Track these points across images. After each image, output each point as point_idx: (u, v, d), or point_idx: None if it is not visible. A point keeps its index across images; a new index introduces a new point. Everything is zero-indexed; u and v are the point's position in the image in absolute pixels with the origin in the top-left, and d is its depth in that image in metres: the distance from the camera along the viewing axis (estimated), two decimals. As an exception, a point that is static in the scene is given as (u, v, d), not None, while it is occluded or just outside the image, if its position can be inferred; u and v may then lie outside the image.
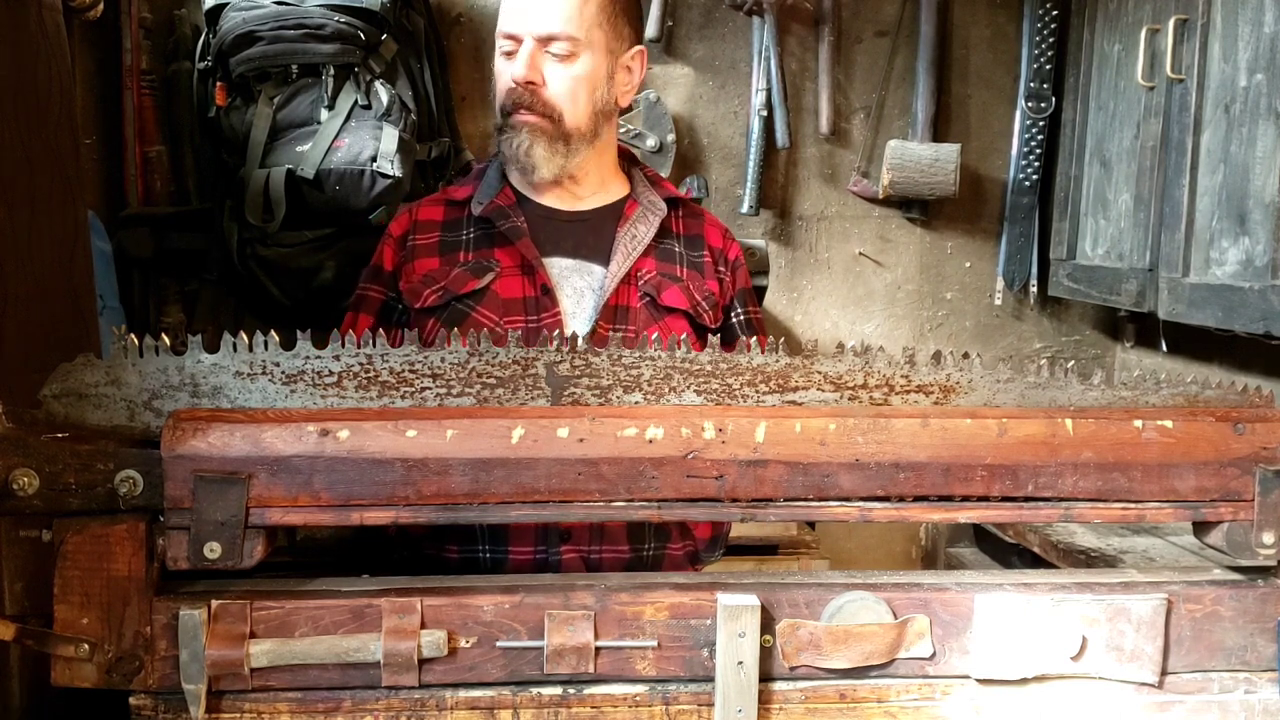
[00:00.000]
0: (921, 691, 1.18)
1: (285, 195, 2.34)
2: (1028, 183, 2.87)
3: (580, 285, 1.66)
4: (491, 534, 1.59)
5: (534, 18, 1.62)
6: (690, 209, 1.80)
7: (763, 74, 2.78)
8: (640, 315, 1.64)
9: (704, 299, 1.69)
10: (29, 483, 1.07)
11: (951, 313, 3.01)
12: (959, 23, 2.90)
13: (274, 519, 1.10)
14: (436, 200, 1.77)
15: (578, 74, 1.64)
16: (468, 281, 1.63)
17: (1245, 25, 1.99)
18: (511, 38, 1.64)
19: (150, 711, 1.12)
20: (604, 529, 1.59)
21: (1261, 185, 1.93)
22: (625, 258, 1.66)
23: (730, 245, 1.79)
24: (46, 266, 1.48)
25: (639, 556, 1.62)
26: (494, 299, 1.62)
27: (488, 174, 1.76)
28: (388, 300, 1.70)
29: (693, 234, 1.76)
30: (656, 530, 1.63)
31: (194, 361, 1.14)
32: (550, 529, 1.57)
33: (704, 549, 1.72)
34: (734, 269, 1.77)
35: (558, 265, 1.67)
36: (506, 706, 1.14)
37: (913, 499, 1.16)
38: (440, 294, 1.63)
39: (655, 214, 1.71)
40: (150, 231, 2.48)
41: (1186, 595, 1.20)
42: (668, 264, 1.70)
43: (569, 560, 1.57)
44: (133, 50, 2.51)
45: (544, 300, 1.63)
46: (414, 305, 1.65)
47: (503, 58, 1.66)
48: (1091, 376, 1.23)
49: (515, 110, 1.65)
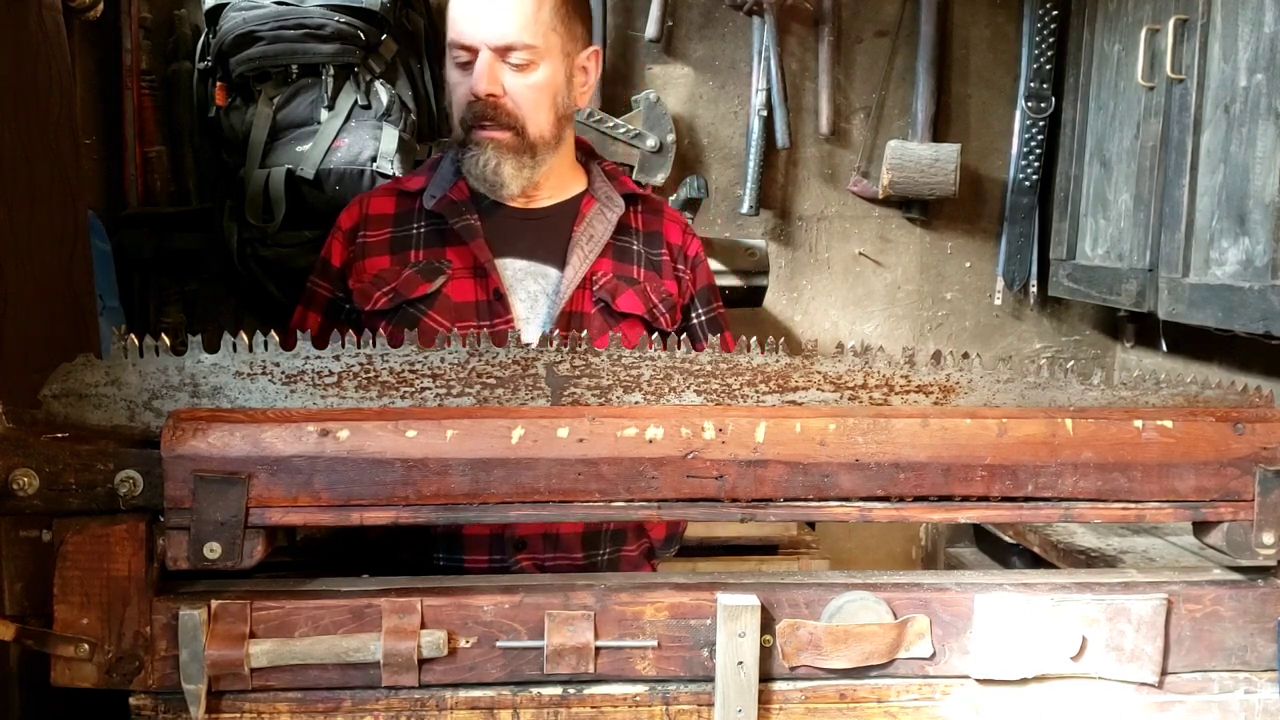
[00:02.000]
0: (921, 691, 1.18)
1: (285, 195, 2.34)
2: (1028, 183, 2.87)
3: (534, 290, 1.62)
4: (447, 541, 1.56)
5: (489, 27, 1.56)
6: (649, 204, 1.75)
7: (763, 74, 2.78)
8: (595, 322, 1.60)
9: (661, 300, 1.66)
10: (29, 483, 1.07)
11: (951, 313, 3.01)
12: (959, 23, 2.91)
13: (274, 519, 1.10)
14: (389, 190, 1.71)
15: (538, 83, 1.59)
16: (419, 285, 1.59)
17: (1245, 25, 1.99)
18: (466, 48, 1.57)
19: (150, 711, 1.12)
20: (559, 536, 1.57)
21: (1261, 185, 1.93)
22: (581, 261, 1.62)
23: (690, 241, 1.74)
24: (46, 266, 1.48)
25: (593, 563, 1.60)
26: (445, 303, 1.58)
27: (442, 165, 1.70)
28: (334, 298, 1.66)
29: (652, 230, 1.71)
30: (613, 535, 1.61)
31: (194, 361, 1.14)
32: (506, 538, 1.55)
33: (660, 546, 1.70)
34: (694, 266, 1.73)
35: (511, 267, 1.63)
36: (506, 706, 1.14)
37: (913, 499, 1.16)
38: (390, 297, 1.59)
39: (613, 210, 1.67)
40: (150, 231, 2.47)
41: (1186, 595, 1.20)
42: (624, 264, 1.66)
43: (526, 569, 1.55)
44: (133, 50, 2.51)
45: (496, 306, 1.59)
46: (364, 308, 1.60)
47: (457, 69, 1.60)
48: (1091, 376, 1.23)
49: (477, 124, 1.59)
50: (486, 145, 1.60)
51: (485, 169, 1.60)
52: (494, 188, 1.62)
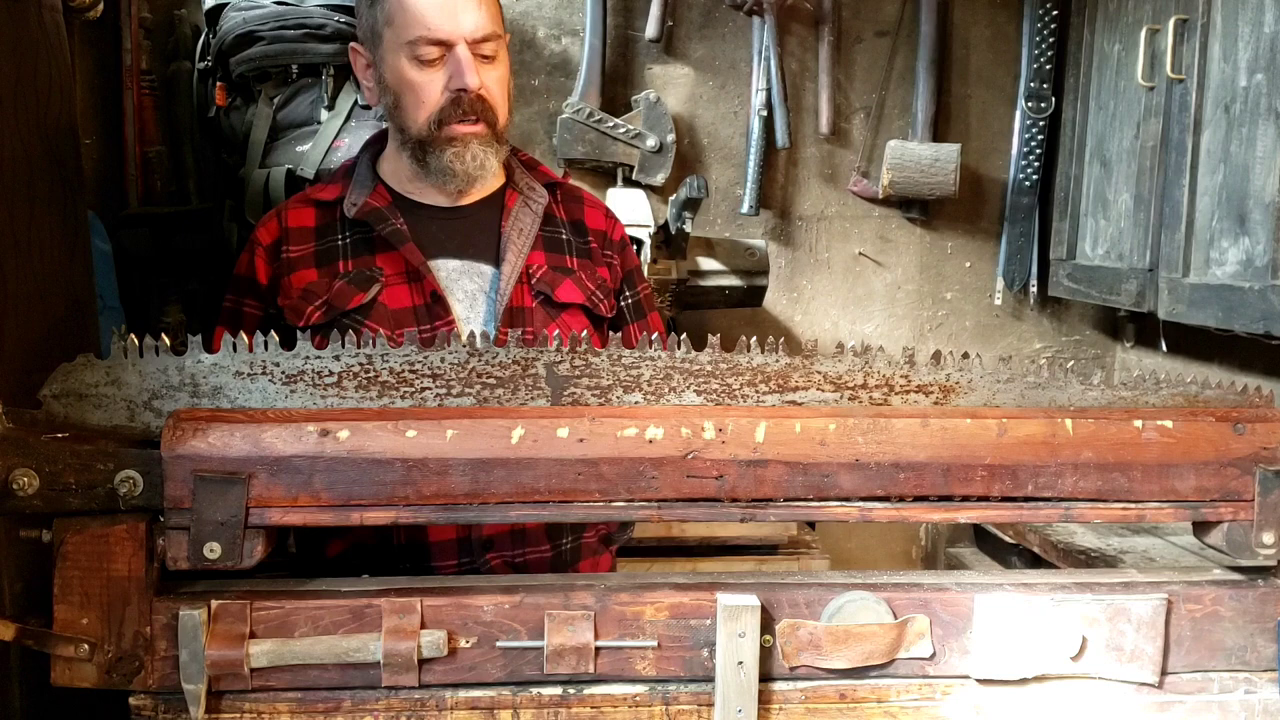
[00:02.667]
0: (921, 691, 1.18)
1: (285, 195, 2.34)
2: (1028, 183, 2.87)
3: (471, 288, 1.59)
4: (413, 551, 1.52)
5: (466, 20, 1.51)
6: (569, 192, 1.72)
7: (763, 74, 2.78)
8: (537, 315, 1.58)
9: (597, 288, 1.64)
10: (29, 483, 1.07)
11: (951, 313, 3.01)
12: (959, 23, 2.91)
13: (274, 519, 1.10)
14: (303, 201, 1.64)
15: (502, 74, 1.57)
16: (353, 296, 1.54)
17: (1245, 25, 1.99)
18: (440, 43, 1.52)
19: (150, 711, 1.12)
20: (525, 531, 1.55)
21: (1261, 185, 1.93)
22: (517, 256, 1.58)
23: (614, 226, 1.72)
24: (46, 266, 1.48)
25: (559, 553, 1.59)
26: (382, 311, 1.53)
27: (357, 171, 1.64)
28: (267, 314, 1.59)
29: (575, 219, 1.69)
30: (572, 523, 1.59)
31: (194, 361, 1.14)
32: (474, 540, 1.53)
33: (615, 530, 1.70)
34: (620, 249, 1.71)
35: (445, 268, 1.58)
36: (506, 706, 1.14)
37: (913, 499, 1.16)
38: (324, 310, 1.53)
39: (536, 201, 1.64)
40: (150, 231, 2.47)
41: (1186, 595, 1.20)
42: (557, 254, 1.63)
43: (496, 568, 1.54)
44: (133, 50, 2.51)
45: (435, 308, 1.55)
46: (297, 324, 1.52)
47: (421, 65, 1.53)
48: (1091, 376, 1.23)
49: (457, 120, 1.54)
50: (470, 140, 1.55)
51: (471, 164, 1.56)
52: (465, 183, 1.59)
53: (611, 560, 1.73)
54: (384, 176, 1.64)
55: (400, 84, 1.56)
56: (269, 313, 1.59)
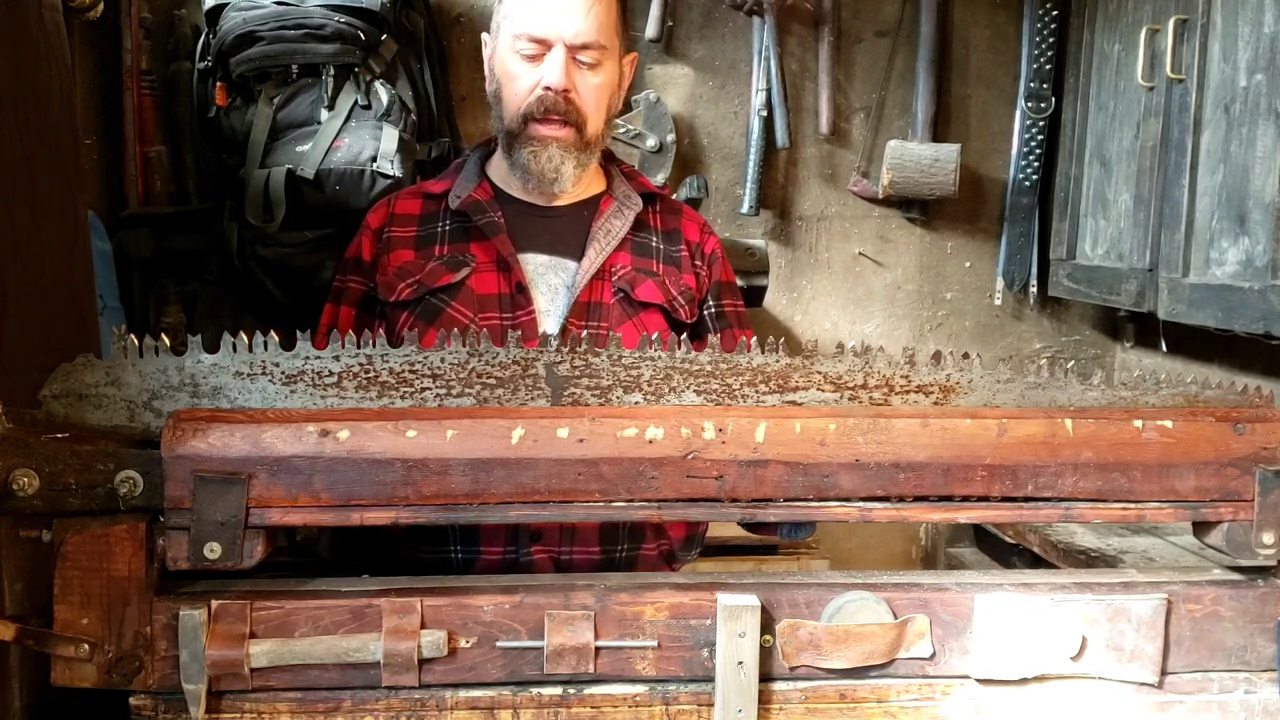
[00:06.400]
0: (921, 691, 1.18)
1: (285, 195, 2.34)
2: (1028, 183, 2.87)
3: (555, 283, 1.65)
4: (464, 534, 1.58)
5: (568, 24, 1.59)
6: (668, 204, 1.79)
7: (763, 74, 2.78)
8: (614, 311, 1.63)
9: (680, 294, 1.69)
10: (29, 483, 1.07)
11: (951, 313, 3.01)
12: (959, 23, 2.91)
13: (274, 519, 1.10)
14: (414, 193, 1.76)
15: (602, 83, 1.64)
16: (443, 275, 1.62)
17: (1245, 25, 1.99)
18: (540, 41, 1.60)
19: (150, 711, 1.12)
20: (575, 530, 1.58)
21: (1261, 185, 1.93)
22: (599, 253, 1.65)
23: (708, 239, 1.78)
24: (46, 266, 1.48)
25: (610, 558, 1.60)
26: (469, 294, 1.62)
27: (466, 167, 1.74)
28: (369, 291, 1.69)
29: (670, 228, 1.75)
30: (631, 531, 1.61)
31: (194, 361, 1.14)
32: (520, 529, 1.56)
33: (679, 548, 1.70)
34: (710, 263, 1.76)
35: (533, 262, 1.66)
36: (506, 707, 1.14)
37: (913, 499, 1.16)
38: (414, 288, 1.62)
39: (630, 208, 1.71)
40: (150, 231, 2.47)
41: (1186, 595, 1.20)
42: (644, 259, 1.70)
43: (539, 561, 1.56)
44: (133, 50, 2.50)
45: (519, 298, 1.62)
46: (387, 299, 1.63)
47: (522, 59, 1.62)
48: (1091, 376, 1.23)
49: (543, 119, 1.62)
50: (550, 142, 1.63)
51: (546, 165, 1.64)
52: (545, 184, 1.66)
53: None
54: (490, 173, 1.74)
55: (503, 74, 1.66)
56: (370, 288, 1.69)
